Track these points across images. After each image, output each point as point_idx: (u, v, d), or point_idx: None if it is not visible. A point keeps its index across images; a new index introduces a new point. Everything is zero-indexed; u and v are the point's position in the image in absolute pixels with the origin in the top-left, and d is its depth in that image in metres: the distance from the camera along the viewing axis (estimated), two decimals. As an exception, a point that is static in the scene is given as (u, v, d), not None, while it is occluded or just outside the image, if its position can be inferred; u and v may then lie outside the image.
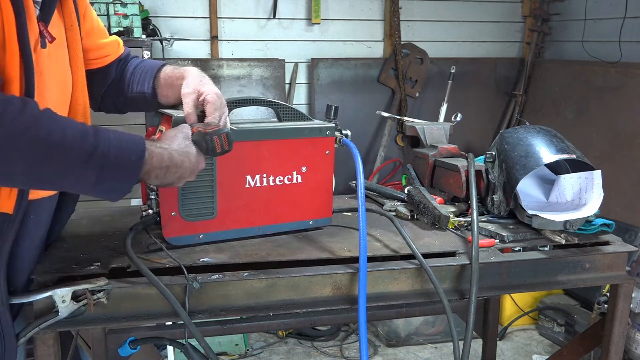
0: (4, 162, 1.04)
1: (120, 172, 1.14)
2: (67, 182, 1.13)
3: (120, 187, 1.16)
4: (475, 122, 4.25)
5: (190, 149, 1.28)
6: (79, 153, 1.08)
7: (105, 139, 1.11)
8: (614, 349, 1.65)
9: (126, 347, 1.65)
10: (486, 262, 1.51)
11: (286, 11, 4.04)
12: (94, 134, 1.11)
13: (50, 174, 1.09)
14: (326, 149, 1.60)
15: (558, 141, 1.67)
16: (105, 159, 1.10)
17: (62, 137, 1.06)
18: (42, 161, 1.06)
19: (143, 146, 1.17)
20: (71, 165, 1.09)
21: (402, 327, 3.46)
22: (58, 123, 1.08)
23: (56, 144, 1.06)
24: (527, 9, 4.44)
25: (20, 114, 1.03)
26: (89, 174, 1.10)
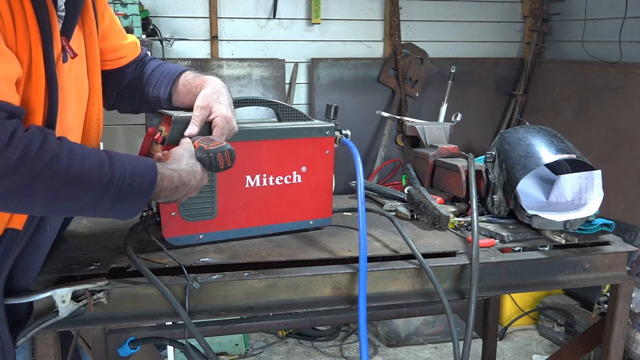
0: (26, 197, 1.07)
1: (134, 197, 1.18)
2: (84, 211, 1.17)
3: (133, 210, 1.20)
4: (475, 122, 4.25)
5: (196, 167, 1.31)
6: (96, 184, 1.12)
7: (120, 166, 1.15)
8: (614, 349, 1.65)
9: (126, 347, 1.65)
10: (486, 262, 1.51)
11: (286, 11, 4.04)
12: (110, 162, 1.14)
13: (69, 205, 1.13)
14: (326, 148, 1.60)
15: (558, 141, 1.67)
16: (120, 186, 1.14)
17: (81, 170, 1.10)
18: (62, 194, 1.10)
19: (155, 170, 1.20)
20: (89, 196, 1.12)
21: (402, 327, 3.46)
22: (76, 155, 1.11)
23: (75, 177, 1.09)
24: (527, 9, 4.45)
25: (40, 150, 1.06)
26: (105, 202, 1.14)
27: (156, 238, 1.45)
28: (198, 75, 1.51)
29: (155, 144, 1.47)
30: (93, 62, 1.39)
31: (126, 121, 3.40)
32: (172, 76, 1.52)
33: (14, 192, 1.06)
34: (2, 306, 1.22)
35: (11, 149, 1.03)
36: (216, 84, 1.46)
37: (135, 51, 1.59)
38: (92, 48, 1.38)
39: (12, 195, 1.06)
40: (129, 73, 1.58)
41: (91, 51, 1.38)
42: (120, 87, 1.58)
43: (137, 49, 1.60)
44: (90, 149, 1.15)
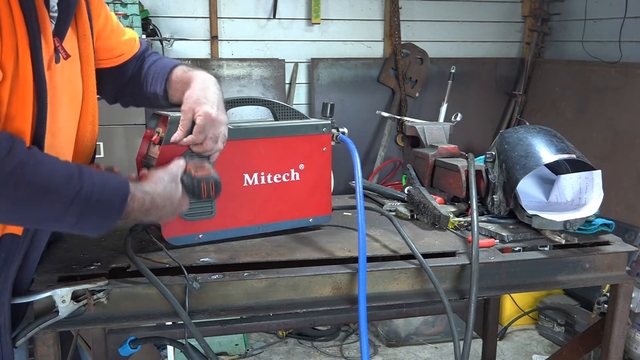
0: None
1: (101, 215, 1.16)
2: (49, 223, 1.15)
3: (100, 227, 1.18)
4: (475, 122, 4.24)
5: (175, 192, 1.28)
6: (62, 197, 1.09)
7: (89, 182, 1.13)
8: (614, 349, 1.65)
9: (126, 347, 1.64)
10: (486, 262, 1.51)
11: (286, 11, 4.04)
12: (79, 176, 1.12)
13: (33, 215, 1.11)
14: (323, 146, 1.60)
15: (558, 141, 1.67)
16: (87, 202, 1.12)
17: (47, 181, 1.08)
18: (26, 204, 1.08)
19: (126, 190, 1.18)
20: (54, 208, 1.10)
21: (402, 327, 3.46)
22: (44, 166, 1.09)
23: (40, 187, 1.07)
24: (527, 9, 4.44)
25: (6, 158, 1.04)
26: (71, 216, 1.12)
27: (156, 238, 1.45)
28: (186, 71, 1.48)
29: (153, 146, 1.47)
30: (87, 63, 1.38)
31: (126, 121, 3.39)
32: (166, 72, 1.50)
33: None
34: (9, 313, 1.22)
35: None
36: (204, 80, 1.43)
37: (134, 47, 1.58)
38: (86, 49, 1.37)
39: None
40: (129, 69, 1.56)
41: (85, 52, 1.37)
42: (120, 84, 1.58)
43: (136, 45, 1.59)
44: (61, 162, 1.14)
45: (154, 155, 1.44)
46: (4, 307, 1.20)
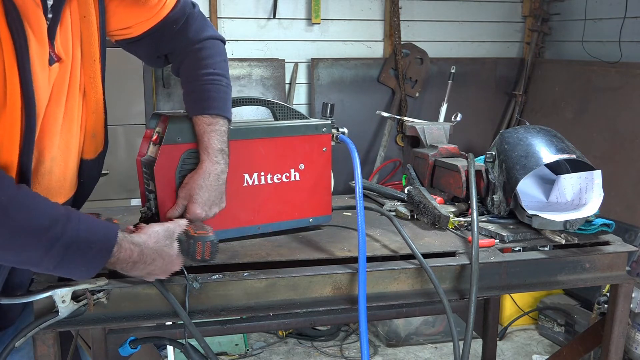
0: None
1: (83, 263, 1.13)
2: (27, 265, 1.12)
3: (80, 274, 1.16)
4: (475, 122, 4.24)
5: (168, 248, 1.25)
6: (40, 242, 1.07)
7: (74, 230, 1.09)
8: (614, 349, 1.65)
9: (126, 347, 1.64)
10: (486, 262, 1.51)
11: (286, 11, 4.04)
12: (64, 223, 1.09)
13: (10, 256, 1.09)
14: (323, 146, 1.60)
15: (558, 141, 1.67)
16: (67, 250, 1.09)
17: (27, 225, 1.05)
18: (3, 246, 1.06)
19: (113, 240, 1.15)
20: (32, 253, 1.08)
21: (402, 327, 3.46)
22: (26, 209, 1.06)
23: (18, 231, 1.05)
24: (527, 9, 4.44)
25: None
26: (49, 262, 1.09)
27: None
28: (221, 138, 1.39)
29: (153, 146, 1.47)
30: (88, 45, 1.31)
31: (126, 121, 3.40)
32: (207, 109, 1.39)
33: None
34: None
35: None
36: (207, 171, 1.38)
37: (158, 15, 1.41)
38: (87, 30, 1.30)
39: None
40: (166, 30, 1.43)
41: (86, 32, 1.30)
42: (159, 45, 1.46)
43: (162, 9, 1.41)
44: (48, 206, 1.10)
45: (153, 155, 1.44)
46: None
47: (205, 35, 1.46)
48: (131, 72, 3.29)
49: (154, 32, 1.42)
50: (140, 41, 1.44)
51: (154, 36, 1.43)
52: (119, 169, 3.23)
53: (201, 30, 1.46)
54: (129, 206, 2.06)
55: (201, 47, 1.45)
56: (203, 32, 1.46)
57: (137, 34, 1.42)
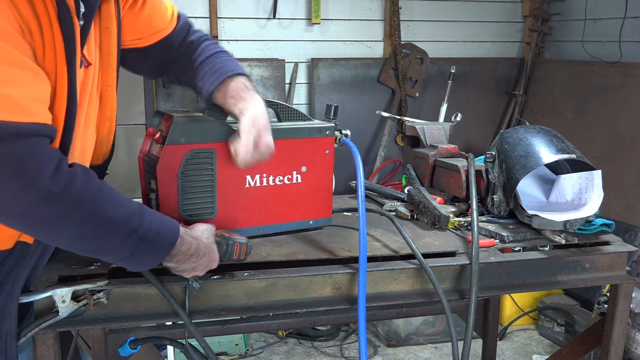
0: (57, 229, 1.10)
1: (152, 252, 1.21)
2: (103, 253, 1.20)
3: (147, 263, 1.23)
4: (475, 122, 4.24)
5: (213, 246, 1.32)
6: (122, 232, 1.14)
7: (147, 221, 1.18)
8: (614, 349, 1.65)
9: (126, 347, 1.64)
10: (486, 262, 1.51)
11: (286, 11, 4.03)
12: (140, 215, 1.17)
13: (92, 245, 1.16)
14: (326, 148, 1.60)
15: (558, 141, 1.67)
16: (142, 240, 1.17)
17: (112, 216, 1.13)
18: (89, 234, 1.13)
19: (177, 233, 1.23)
20: (112, 241, 1.15)
21: (402, 327, 3.46)
22: (112, 201, 1.14)
23: (106, 221, 1.12)
24: (527, 9, 4.44)
25: (82, 189, 1.09)
26: (125, 251, 1.17)
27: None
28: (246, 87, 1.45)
29: (155, 144, 1.47)
30: (108, 56, 1.37)
31: (126, 121, 3.40)
32: (221, 76, 1.45)
33: (47, 222, 1.08)
34: (15, 321, 1.21)
35: (56, 180, 1.05)
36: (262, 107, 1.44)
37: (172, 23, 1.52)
38: (108, 41, 1.36)
39: (45, 225, 1.09)
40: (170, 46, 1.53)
41: (106, 44, 1.36)
42: (162, 60, 1.55)
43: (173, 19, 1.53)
44: (125, 199, 1.18)
45: (155, 154, 1.44)
46: (11, 316, 1.20)
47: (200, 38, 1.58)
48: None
49: (161, 44, 1.51)
50: (146, 51, 1.51)
51: (160, 48, 1.52)
52: (119, 169, 3.23)
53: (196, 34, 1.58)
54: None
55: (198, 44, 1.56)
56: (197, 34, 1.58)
57: (148, 44, 1.51)
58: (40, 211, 1.06)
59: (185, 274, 1.30)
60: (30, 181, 1.03)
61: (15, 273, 1.20)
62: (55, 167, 1.05)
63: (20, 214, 1.06)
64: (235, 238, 1.36)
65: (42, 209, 1.06)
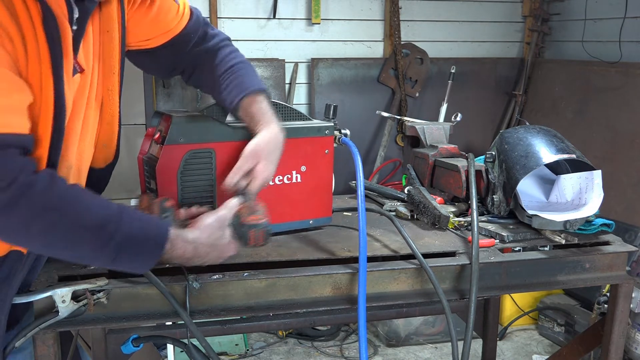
0: (19, 239, 1.09)
1: (137, 259, 1.18)
2: (85, 261, 1.19)
3: (137, 268, 1.21)
4: (475, 122, 4.24)
5: (222, 239, 1.28)
6: (96, 239, 1.11)
7: (127, 227, 1.13)
8: (614, 349, 1.65)
9: (129, 345, 1.65)
10: (486, 262, 1.51)
11: (286, 11, 4.03)
12: (117, 221, 1.13)
13: (68, 253, 1.15)
14: (325, 148, 1.60)
15: (558, 141, 1.67)
16: (120, 247, 1.13)
17: (82, 222, 1.09)
18: (58, 242, 1.10)
19: (164, 239, 1.18)
20: (88, 249, 1.13)
21: (402, 327, 3.46)
22: (81, 208, 1.10)
23: (74, 228, 1.09)
24: (527, 9, 4.44)
25: (43, 196, 1.05)
26: (105, 257, 1.14)
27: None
28: (262, 109, 1.44)
29: (154, 144, 1.47)
30: (109, 59, 1.34)
31: (126, 121, 3.38)
32: (242, 92, 1.45)
33: (8, 233, 1.07)
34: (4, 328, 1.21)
35: (14, 188, 1.02)
36: (274, 133, 1.42)
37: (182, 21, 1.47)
38: (109, 44, 1.33)
39: (7, 235, 1.08)
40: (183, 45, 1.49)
41: (108, 47, 1.33)
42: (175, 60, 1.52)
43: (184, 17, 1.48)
44: (102, 204, 1.14)
45: (155, 154, 1.44)
46: (0, 324, 1.20)
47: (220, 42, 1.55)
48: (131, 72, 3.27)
49: (172, 44, 1.47)
50: (157, 52, 1.48)
51: (172, 48, 1.48)
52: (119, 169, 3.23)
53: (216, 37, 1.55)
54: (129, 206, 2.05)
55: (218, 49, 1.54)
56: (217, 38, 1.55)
57: (155, 45, 1.47)
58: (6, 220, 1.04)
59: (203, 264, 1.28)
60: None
61: (8, 281, 1.20)
62: (11, 180, 1.02)
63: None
64: (251, 223, 1.31)
65: (7, 217, 1.04)
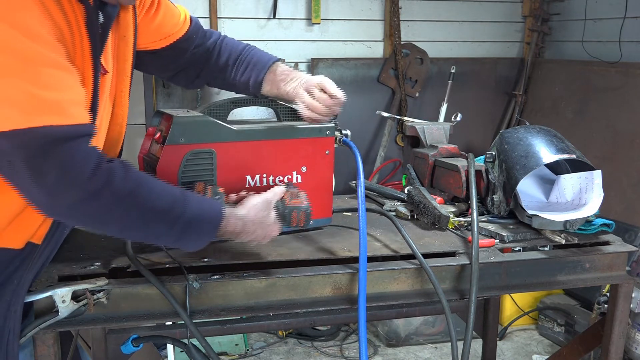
0: (103, 223, 1.16)
1: (197, 236, 1.25)
2: (151, 239, 1.27)
3: (196, 245, 1.27)
4: (475, 122, 4.24)
5: (266, 218, 1.35)
6: (166, 220, 1.19)
7: (190, 207, 1.22)
8: (614, 349, 1.65)
9: (129, 345, 1.65)
10: (486, 262, 1.51)
11: (286, 11, 4.03)
12: (183, 202, 1.21)
13: (140, 234, 1.22)
14: (326, 148, 1.60)
15: (558, 141, 1.67)
16: (187, 225, 1.21)
17: (154, 205, 1.18)
18: (134, 225, 1.18)
19: (220, 217, 1.27)
20: (158, 229, 1.20)
21: (402, 327, 3.46)
22: (153, 191, 1.18)
23: (148, 211, 1.17)
24: (527, 9, 4.44)
25: (123, 182, 1.13)
26: (172, 236, 1.22)
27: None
28: (290, 70, 1.60)
29: (155, 144, 1.47)
30: (123, 64, 1.39)
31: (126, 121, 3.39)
32: (265, 65, 1.59)
33: (92, 218, 1.14)
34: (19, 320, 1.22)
35: (96, 179, 1.09)
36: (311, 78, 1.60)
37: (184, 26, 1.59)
38: (124, 49, 1.39)
39: (91, 220, 1.15)
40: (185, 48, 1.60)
41: (122, 52, 1.38)
42: (177, 62, 1.62)
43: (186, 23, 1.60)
44: (168, 187, 1.22)
45: (155, 154, 1.45)
46: (15, 314, 1.21)
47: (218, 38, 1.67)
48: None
49: (175, 46, 1.58)
50: (160, 52, 1.57)
51: (175, 50, 1.58)
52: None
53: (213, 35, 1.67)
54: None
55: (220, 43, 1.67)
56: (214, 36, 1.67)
57: (160, 47, 1.57)
58: (83, 209, 1.10)
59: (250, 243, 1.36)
60: (71, 182, 1.07)
61: (21, 272, 1.21)
62: (94, 167, 1.09)
63: (65, 212, 1.12)
64: (293, 206, 1.38)
65: (84, 206, 1.10)
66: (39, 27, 1.04)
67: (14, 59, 1.01)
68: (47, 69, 1.04)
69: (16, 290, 1.20)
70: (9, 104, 1.01)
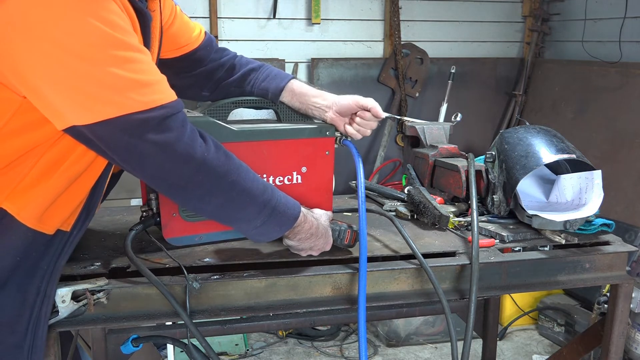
0: (208, 195, 1.21)
1: (279, 224, 1.32)
2: (241, 222, 1.30)
3: (272, 235, 1.34)
4: (475, 122, 4.24)
5: (329, 230, 1.44)
6: (259, 202, 1.26)
7: (277, 195, 1.30)
8: (614, 349, 1.66)
9: (129, 345, 1.65)
10: (486, 262, 1.51)
11: (286, 11, 4.04)
12: (271, 188, 1.30)
13: (235, 213, 1.27)
14: (326, 149, 1.60)
15: (558, 141, 1.67)
16: (272, 211, 1.28)
17: (252, 185, 1.25)
18: (234, 202, 1.24)
19: (299, 209, 1.35)
20: (251, 210, 1.26)
21: (402, 327, 3.46)
22: (250, 172, 1.26)
23: (247, 190, 1.24)
24: (527, 9, 4.44)
25: (226, 158, 1.21)
26: (258, 220, 1.28)
27: (156, 238, 1.45)
28: (309, 86, 1.63)
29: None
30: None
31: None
32: (285, 77, 1.62)
33: (203, 187, 1.19)
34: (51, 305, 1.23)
35: (207, 146, 1.17)
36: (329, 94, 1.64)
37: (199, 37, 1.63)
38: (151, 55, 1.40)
39: (200, 190, 1.19)
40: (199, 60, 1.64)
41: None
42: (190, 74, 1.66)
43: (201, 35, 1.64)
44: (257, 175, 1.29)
45: None
46: (50, 299, 1.23)
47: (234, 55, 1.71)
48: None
49: (190, 57, 1.62)
50: (171, 62, 1.60)
51: (187, 60, 1.62)
52: (119, 169, 3.23)
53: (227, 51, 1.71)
54: (129, 206, 2.05)
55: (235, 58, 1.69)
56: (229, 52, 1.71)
57: (171, 57, 1.60)
58: (197, 178, 1.17)
59: (302, 253, 1.42)
60: (187, 152, 1.14)
61: (54, 259, 1.23)
62: (198, 136, 1.17)
63: (182, 185, 1.18)
64: (348, 226, 1.47)
65: (198, 176, 1.17)
66: (121, 22, 1.10)
67: (112, 50, 1.07)
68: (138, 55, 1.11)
69: (51, 276, 1.22)
70: (117, 91, 1.07)
